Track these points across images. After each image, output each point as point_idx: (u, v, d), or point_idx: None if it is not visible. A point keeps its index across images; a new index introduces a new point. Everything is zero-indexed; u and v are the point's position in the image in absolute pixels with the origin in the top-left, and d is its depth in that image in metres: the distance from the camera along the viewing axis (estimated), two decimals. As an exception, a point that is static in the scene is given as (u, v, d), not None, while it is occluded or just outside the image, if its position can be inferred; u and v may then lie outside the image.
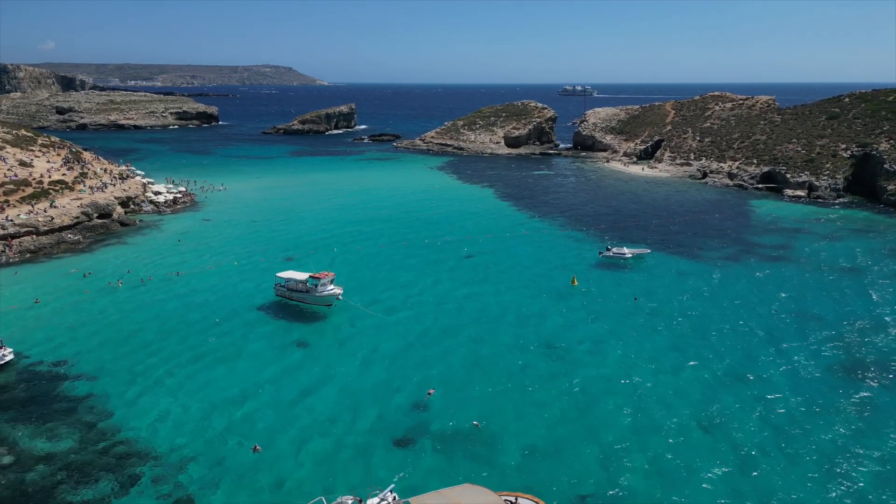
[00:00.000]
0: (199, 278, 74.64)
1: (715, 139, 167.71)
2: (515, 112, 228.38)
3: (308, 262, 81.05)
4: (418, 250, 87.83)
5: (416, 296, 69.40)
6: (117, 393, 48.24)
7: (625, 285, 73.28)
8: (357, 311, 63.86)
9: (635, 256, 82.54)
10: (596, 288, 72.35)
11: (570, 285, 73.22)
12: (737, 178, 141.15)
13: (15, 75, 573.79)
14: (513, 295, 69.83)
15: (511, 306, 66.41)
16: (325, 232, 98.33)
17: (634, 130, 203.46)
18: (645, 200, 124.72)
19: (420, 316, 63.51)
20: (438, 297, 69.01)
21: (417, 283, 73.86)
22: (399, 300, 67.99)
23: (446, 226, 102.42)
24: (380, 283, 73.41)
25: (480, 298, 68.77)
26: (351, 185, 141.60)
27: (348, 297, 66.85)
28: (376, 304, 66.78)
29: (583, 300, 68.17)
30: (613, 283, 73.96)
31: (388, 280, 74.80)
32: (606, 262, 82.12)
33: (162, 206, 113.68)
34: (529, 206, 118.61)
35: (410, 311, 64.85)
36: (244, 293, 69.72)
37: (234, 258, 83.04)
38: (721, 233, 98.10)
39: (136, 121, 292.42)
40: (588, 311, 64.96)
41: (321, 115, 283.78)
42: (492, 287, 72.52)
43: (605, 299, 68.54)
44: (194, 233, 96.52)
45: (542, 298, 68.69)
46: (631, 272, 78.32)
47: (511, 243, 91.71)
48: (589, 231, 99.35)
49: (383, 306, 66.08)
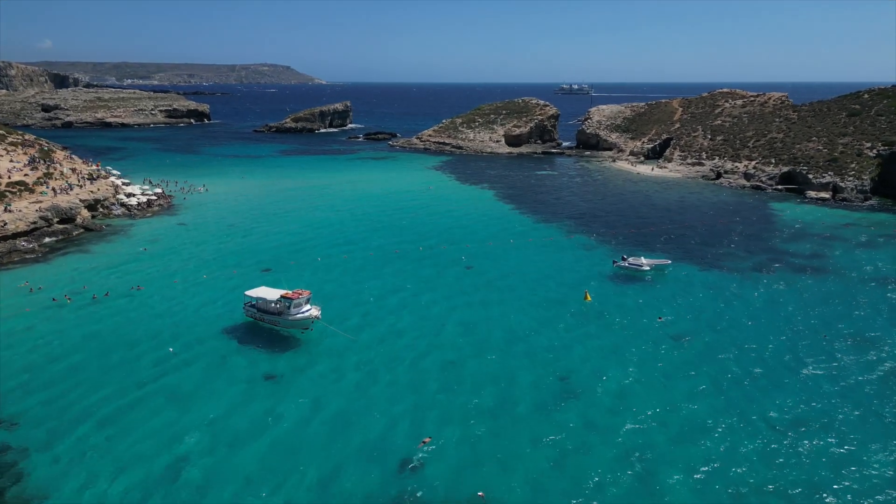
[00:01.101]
0: (162, 294, 65.51)
1: (727, 137, 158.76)
2: (516, 109, 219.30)
3: (287, 274, 72.04)
4: (412, 260, 78.82)
5: (409, 317, 60.33)
6: (38, 447, 39.18)
7: (645, 301, 64.30)
8: (339, 338, 54.78)
9: (654, 268, 73.61)
10: (612, 305, 63.35)
11: (582, 301, 64.27)
12: (754, 178, 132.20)
13: (6, 73, 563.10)
14: (519, 314, 60.77)
15: (518, 329, 57.39)
16: (309, 239, 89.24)
17: (641, 129, 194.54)
18: (657, 203, 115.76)
19: (413, 342, 54.45)
20: (434, 319, 59.96)
21: (410, 300, 64.80)
22: (389, 322, 58.92)
23: (444, 232, 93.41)
24: (368, 301, 64.34)
25: (482, 319, 59.74)
26: (342, 186, 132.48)
27: (330, 317, 57.83)
28: (362, 327, 57.72)
29: (599, 321, 59.14)
30: (632, 299, 64.99)
31: (377, 297, 65.75)
32: (621, 273, 73.19)
33: (134, 209, 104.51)
34: (533, 210, 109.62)
35: (402, 336, 55.73)
36: (210, 314, 60.58)
37: (204, 270, 73.93)
38: (745, 239, 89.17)
39: (123, 118, 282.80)
40: (607, 335, 55.92)
41: (315, 113, 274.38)
42: (496, 304, 63.50)
43: (624, 319, 59.53)
44: (165, 240, 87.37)
45: (552, 318, 59.65)
46: (650, 286, 69.36)
47: (515, 252, 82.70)
48: (600, 238, 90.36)
49: (370, 331, 56.99)
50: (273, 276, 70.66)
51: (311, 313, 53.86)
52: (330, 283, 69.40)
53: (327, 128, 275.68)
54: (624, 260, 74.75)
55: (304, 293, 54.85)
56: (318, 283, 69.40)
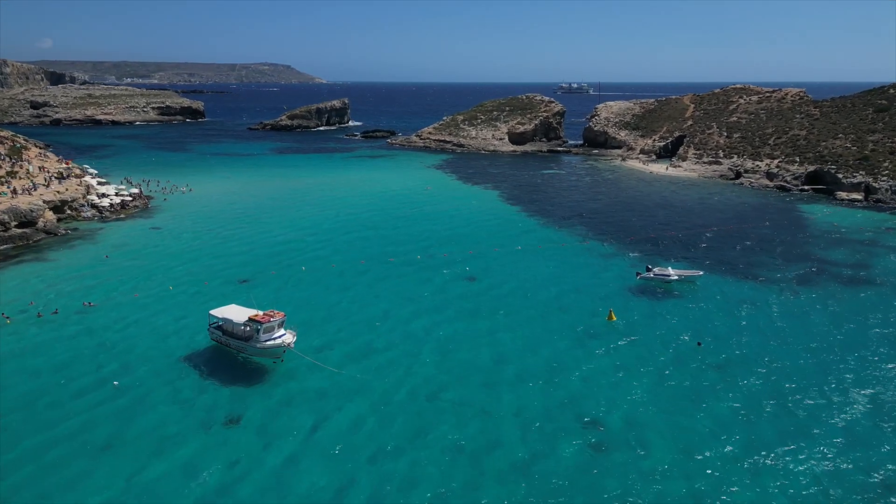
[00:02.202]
0: (118, 311, 56.68)
1: (745, 135, 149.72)
2: (520, 106, 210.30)
3: (265, 287, 63.30)
4: (409, 271, 69.97)
5: (404, 343, 51.44)
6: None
7: (678, 321, 55.41)
8: (318, 370, 45.94)
9: (683, 279, 64.73)
10: (641, 326, 54.47)
11: (605, 321, 55.41)
12: (777, 178, 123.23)
13: (1, 70, 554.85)
14: (532, 338, 51.89)
15: (530, 356, 48.54)
16: (295, 244, 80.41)
17: (651, 126, 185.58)
18: (676, 205, 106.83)
19: (408, 374, 45.58)
20: (433, 342, 51.10)
21: (406, 321, 55.91)
22: (380, 348, 50.04)
23: (444, 237, 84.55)
24: (356, 320, 55.47)
25: (489, 343, 50.87)
26: (335, 186, 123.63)
27: (311, 342, 49.09)
28: (349, 354, 48.86)
29: (628, 347, 50.25)
30: (662, 318, 56.11)
31: (367, 314, 56.88)
32: (647, 286, 64.33)
33: (106, 211, 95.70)
34: (542, 212, 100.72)
35: (395, 367, 46.75)
36: (170, 336, 51.73)
37: (172, 281, 65.10)
38: (779, 246, 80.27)
39: (114, 116, 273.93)
40: (638, 366, 47.03)
41: (311, 111, 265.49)
42: (503, 325, 54.61)
43: (656, 344, 50.67)
44: (133, 245, 78.56)
45: (573, 345, 50.77)
46: (681, 301, 60.45)
47: (524, 260, 73.84)
48: (617, 244, 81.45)
49: (359, 360, 48.12)
50: (248, 290, 61.84)
51: (284, 340, 45.02)
52: (314, 299, 60.56)
53: (324, 126, 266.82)
54: (649, 271, 65.88)
55: (277, 315, 45.97)
56: (299, 297, 60.61)
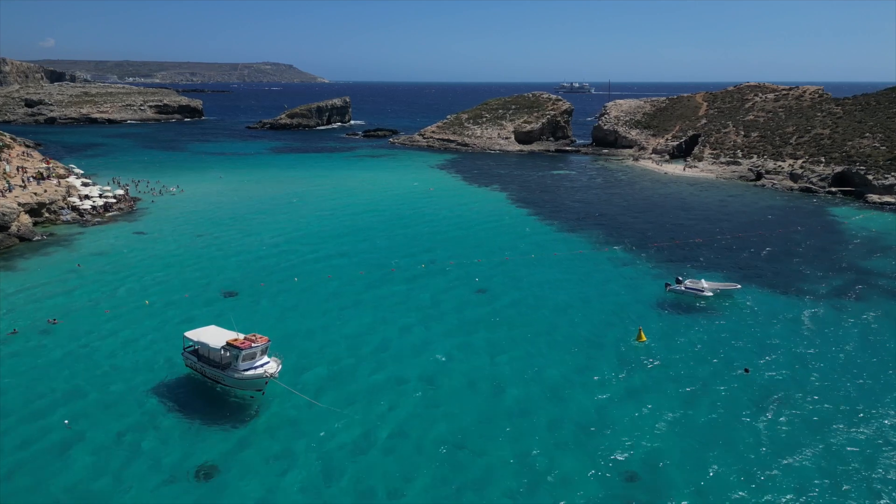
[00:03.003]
0: (84, 330, 50.30)
1: (764, 134, 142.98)
2: (526, 104, 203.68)
3: (254, 299, 56.94)
4: (412, 281, 63.48)
5: (408, 369, 44.97)
6: None
7: (717, 343, 48.84)
8: (309, 408, 39.48)
9: (718, 293, 58.13)
10: (675, 348, 47.92)
11: (633, 341, 48.90)
12: (802, 179, 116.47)
13: (1, 69, 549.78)
14: (554, 364, 45.35)
15: (544, 384, 42.04)
16: (289, 252, 73.99)
17: (663, 125, 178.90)
18: (696, 208, 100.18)
19: (417, 414, 39.08)
20: (442, 371, 44.61)
21: (410, 342, 49.44)
22: (381, 378, 43.51)
23: (449, 243, 78.08)
24: (354, 343, 48.99)
25: (504, 374, 44.37)
26: (333, 187, 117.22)
27: (300, 371, 42.70)
28: (344, 384, 42.40)
29: (664, 375, 43.70)
30: (699, 339, 49.55)
31: (366, 335, 50.42)
32: (677, 300, 57.79)
33: (88, 213, 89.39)
34: (554, 216, 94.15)
35: (399, 406, 40.27)
36: (138, 361, 45.30)
37: (149, 294, 58.70)
38: (814, 254, 73.65)
39: (110, 114, 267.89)
40: (680, 398, 40.47)
41: (311, 109, 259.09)
42: (520, 346, 48.12)
43: (695, 371, 44.12)
44: (112, 253, 72.21)
45: (599, 372, 44.23)
46: (718, 318, 53.86)
47: (538, 269, 67.29)
48: (638, 251, 74.87)
49: (352, 394, 41.67)
50: (234, 304, 55.46)
51: (266, 369, 38.52)
52: (306, 316, 54.11)
53: (325, 124, 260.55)
54: (679, 283, 59.29)
55: (260, 340, 39.44)
56: (290, 314, 54.18)
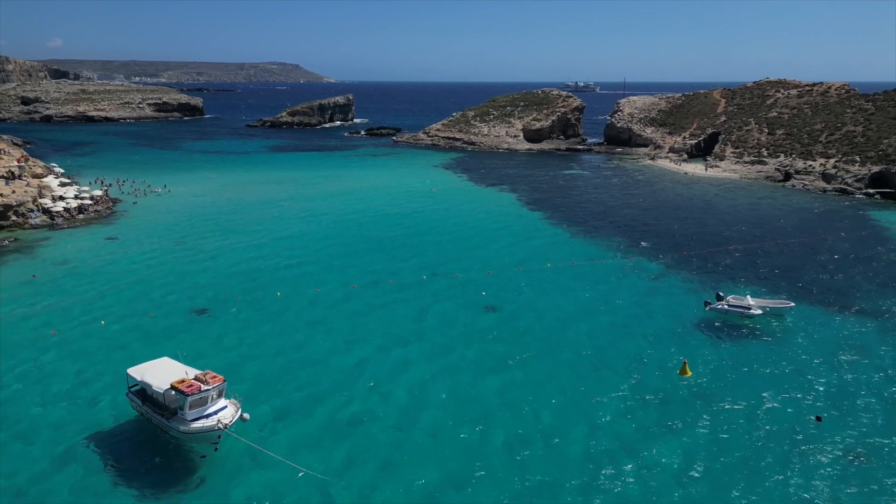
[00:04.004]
0: (22, 358, 42.53)
1: (790, 131, 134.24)
2: (535, 101, 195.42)
3: (226, 319, 49.10)
4: (411, 296, 55.49)
5: (404, 410, 37.00)
6: None
7: (776, 378, 40.62)
8: (277, 466, 31.54)
9: (767, 312, 49.88)
10: (726, 384, 39.74)
11: (676, 375, 40.77)
12: (836, 180, 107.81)
13: (3, 67, 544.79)
14: (578, 410, 37.27)
15: (570, 434, 33.98)
16: (275, 260, 66.15)
17: (679, 122, 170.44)
18: (724, 211, 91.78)
19: (385, 468, 31.12)
20: (441, 416, 36.60)
21: (407, 375, 41.43)
22: (368, 426, 35.56)
23: (456, 251, 70.06)
24: (338, 375, 41.05)
25: (516, 416, 36.32)
26: (331, 188, 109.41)
27: (271, 415, 34.78)
28: (321, 432, 34.47)
29: (715, 422, 35.51)
30: (754, 373, 41.34)
31: (353, 364, 42.46)
32: (719, 320, 49.61)
33: (59, 216, 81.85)
34: (569, 220, 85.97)
35: (371, 453, 32.37)
36: (78, 401, 37.47)
37: (109, 312, 50.95)
38: (866, 265, 65.22)
39: (107, 112, 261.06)
40: (741, 459, 32.28)
41: (313, 107, 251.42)
42: (537, 381, 40.04)
43: (756, 418, 35.95)
44: (77, 262, 64.53)
45: (636, 418, 36.10)
46: (772, 345, 45.62)
47: (556, 282, 59.14)
48: (668, 260, 66.63)
49: (333, 448, 33.71)
50: (200, 325, 47.67)
51: (220, 417, 30.58)
52: (284, 340, 46.21)
53: (328, 122, 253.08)
54: (720, 299, 51.12)
55: (213, 381, 31.50)
56: (264, 337, 46.29)
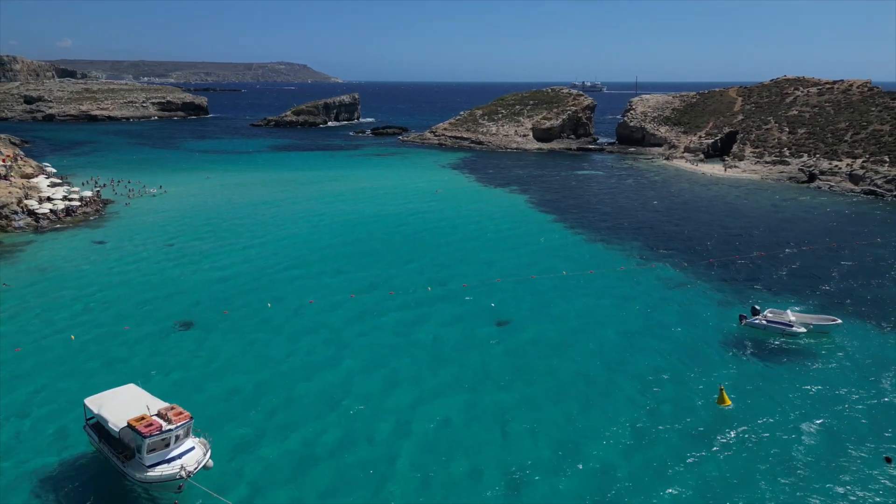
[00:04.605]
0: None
1: (813, 130, 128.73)
2: (545, 100, 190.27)
3: (210, 335, 44.49)
4: (413, 308, 50.69)
5: (390, 441, 32.19)
6: None
7: (829, 410, 35.58)
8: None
9: (811, 329, 44.75)
10: (772, 415, 34.74)
11: (713, 404, 35.80)
12: (864, 181, 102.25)
13: (11, 67, 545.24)
14: (604, 442, 32.38)
15: (602, 477, 29.08)
16: (267, 266, 61.54)
17: (694, 121, 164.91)
18: (748, 214, 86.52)
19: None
20: (436, 447, 31.79)
21: (398, 397, 36.64)
22: (347, 458, 30.78)
23: (462, 256, 65.24)
24: (321, 399, 36.30)
25: (523, 454, 31.45)
26: (333, 188, 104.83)
27: (250, 426, 30.06)
28: (295, 467, 29.70)
29: (764, 468, 30.53)
30: (802, 403, 36.30)
31: (340, 386, 37.70)
32: (757, 338, 44.56)
33: (45, 218, 77.63)
34: (584, 223, 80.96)
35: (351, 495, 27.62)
36: (33, 434, 32.89)
37: (83, 325, 46.45)
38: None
39: (111, 111, 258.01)
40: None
41: (318, 106, 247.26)
42: (556, 412, 35.16)
43: (810, 458, 30.96)
44: (57, 268, 60.15)
45: (666, 454, 31.18)
46: (821, 370, 40.52)
47: (572, 291, 54.19)
48: (691, 268, 61.53)
49: (304, 487, 28.95)
50: (180, 342, 43.06)
51: (184, 463, 25.90)
52: (270, 359, 41.50)
53: (333, 122, 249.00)
54: (757, 313, 46.09)
55: (176, 419, 26.82)
56: (248, 356, 41.61)
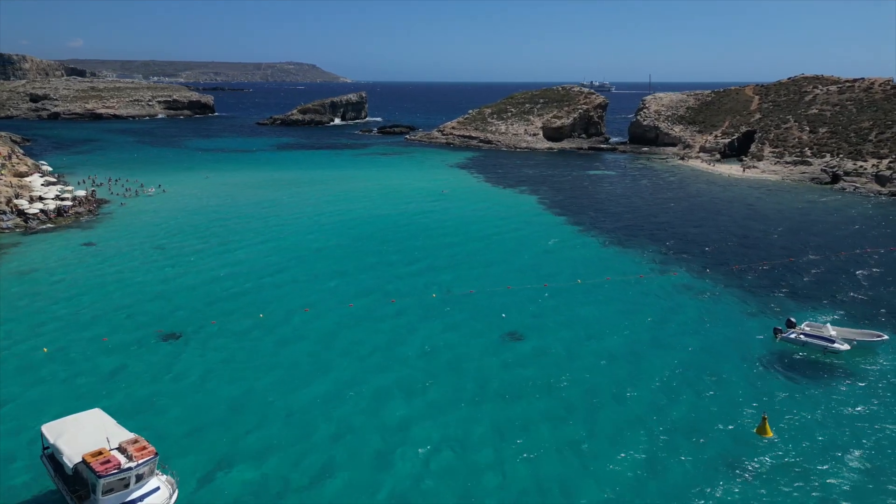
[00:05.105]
0: (-65, 396, 34.62)
1: (835, 129, 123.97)
2: (556, 98, 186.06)
3: (195, 349, 40.90)
4: (416, 318, 46.90)
5: (380, 474, 28.39)
6: None
7: (881, 440, 31.52)
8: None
9: (854, 345, 40.58)
10: (818, 446, 30.73)
11: (752, 434, 31.81)
12: (892, 182, 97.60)
13: (20, 66, 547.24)
14: (618, 482, 28.45)
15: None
16: (263, 271, 57.92)
17: (710, 120, 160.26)
18: (771, 217, 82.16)
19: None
20: (443, 479, 27.97)
21: (393, 423, 32.86)
22: (329, 489, 27.00)
23: (470, 262, 61.39)
24: (309, 424, 32.57)
25: (532, 498, 27.57)
26: (336, 189, 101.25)
27: (227, 449, 26.36)
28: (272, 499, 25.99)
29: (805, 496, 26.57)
30: (850, 431, 32.24)
31: (339, 425, 33.97)
32: (794, 354, 40.47)
33: (34, 218, 74.42)
34: (599, 226, 76.90)
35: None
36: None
37: (57, 334, 42.96)
38: (952, 281, 55.60)
39: (116, 110, 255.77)
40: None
41: (325, 105, 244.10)
42: (562, 435, 31.26)
43: (862, 497, 26.94)
44: (40, 271, 56.76)
45: (707, 491, 27.22)
46: (868, 392, 36.42)
47: (588, 304, 50.20)
48: (715, 275, 57.37)
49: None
50: (163, 356, 39.46)
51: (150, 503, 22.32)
52: (259, 377, 37.83)
53: (340, 120, 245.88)
54: (792, 326, 42.03)
55: (142, 453, 23.16)
56: (235, 372, 37.96)
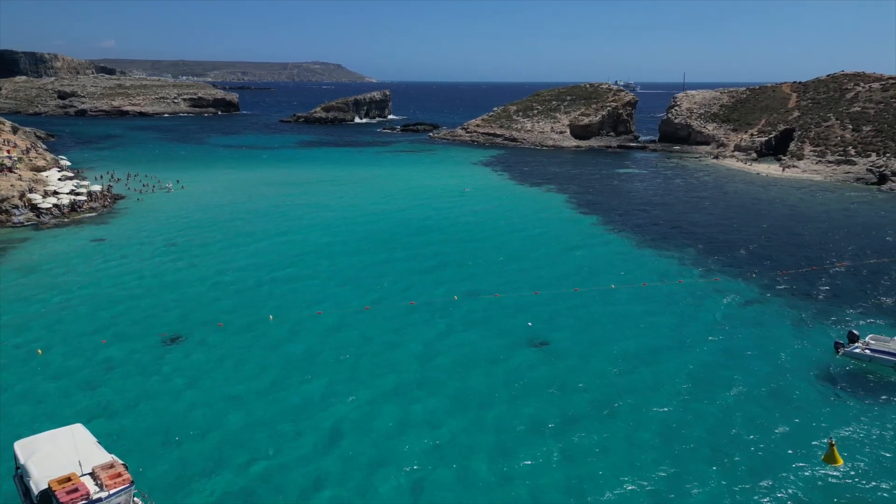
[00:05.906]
0: (-85, 402, 32.09)
1: (880, 128, 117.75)
2: (583, 95, 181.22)
3: (198, 353, 37.93)
4: (435, 322, 43.42)
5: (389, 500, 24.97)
6: None
7: (971, 471, 27.19)
8: None
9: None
10: (879, 470, 26.54)
11: (819, 462, 27.71)
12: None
13: (52, 65, 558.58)
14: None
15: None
16: (277, 270, 54.98)
17: (745, 118, 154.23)
18: (816, 219, 77.08)
19: None
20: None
21: (407, 444, 29.39)
22: None
23: (494, 264, 57.75)
24: (321, 445, 29.28)
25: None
26: (357, 186, 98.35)
27: (225, 472, 23.24)
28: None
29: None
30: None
31: (340, 434, 30.65)
32: (857, 371, 36.15)
33: (47, 213, 72.63)
34: (631, 227, 72.68)
35: None
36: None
37: (54, 335, 40.39)
38: None
39: (142, 107, 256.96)
40: None
41: (349, 102, 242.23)
42: (596, 467, 27.49)
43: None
44: (45, 268, 54.55)
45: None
46: (942, 412, 32.05)
47: (624, 311, 46.22)
48: (760, 280, 52.91)
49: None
50: (161, 358, 36.55)
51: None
52: (263, 387, 34.69)
53: (363, 118, 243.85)
54: (854, 339, 37.62)
55: (115, 482, 20.04)
56: (239, 381, 34.86)
